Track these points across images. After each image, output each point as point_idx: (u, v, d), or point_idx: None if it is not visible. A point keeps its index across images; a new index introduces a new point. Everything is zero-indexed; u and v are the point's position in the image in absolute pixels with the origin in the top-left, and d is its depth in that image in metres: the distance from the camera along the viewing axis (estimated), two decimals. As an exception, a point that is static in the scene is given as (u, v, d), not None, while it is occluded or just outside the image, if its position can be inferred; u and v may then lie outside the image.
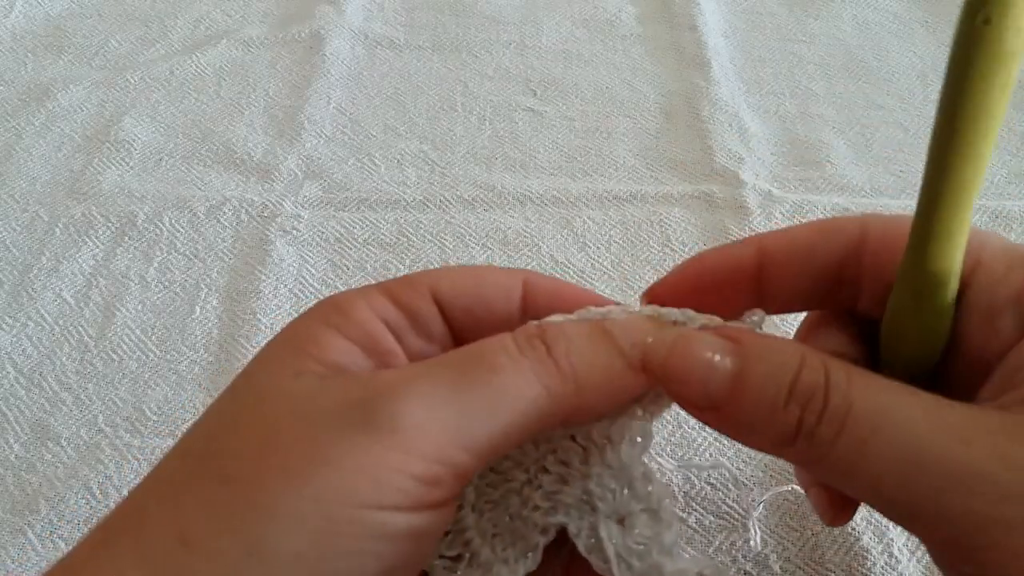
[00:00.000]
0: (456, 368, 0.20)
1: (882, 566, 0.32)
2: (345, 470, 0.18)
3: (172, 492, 0.19)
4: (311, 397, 0.20)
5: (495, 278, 0.25)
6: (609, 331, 0.22)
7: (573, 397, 0.21)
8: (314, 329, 0.22)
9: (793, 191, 0.49)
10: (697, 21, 0.62)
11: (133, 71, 0.58)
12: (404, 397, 0.19)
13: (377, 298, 0.23)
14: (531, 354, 0.21)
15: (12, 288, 0.44)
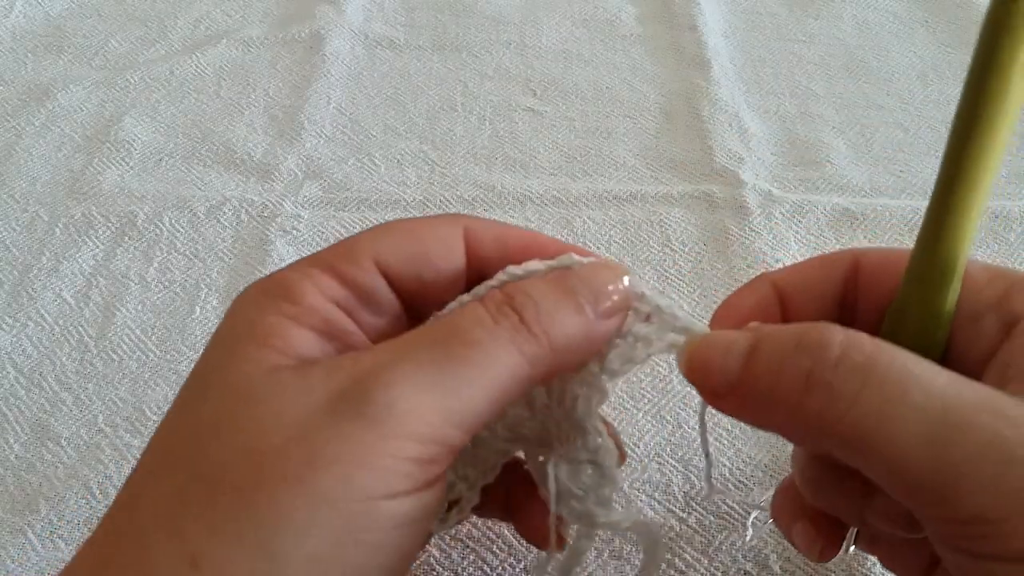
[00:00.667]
0: (436, 347, 0.20)
1: (882, 566, 0.32)
2: (347, 465, 0.18)
3: (170, 511, 0.19)
4: (294, 394, 0.20)
5: (435, 233, 0.25)
6: (571, 287, 0.22)
7: (549, 357, 0.22)
8: (270, 321, 0.21)
9: (793, 191, 0.49)
10: (697, 21, 0.62)
11: (133, 71, 0.58)
12: (391, 383, 0.19)
13: (323, 279, 0.23)
14: (504, 323, 0.21)
15: (12, 288, 0.44)
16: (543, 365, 0.21)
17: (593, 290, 0.23)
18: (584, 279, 0.23)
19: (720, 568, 0.33)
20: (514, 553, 0.33)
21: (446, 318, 0.22)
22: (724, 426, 0.37)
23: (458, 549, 0.33)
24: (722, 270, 0.45)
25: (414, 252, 0.24)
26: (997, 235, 0.46)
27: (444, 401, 0.20)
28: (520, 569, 0.32)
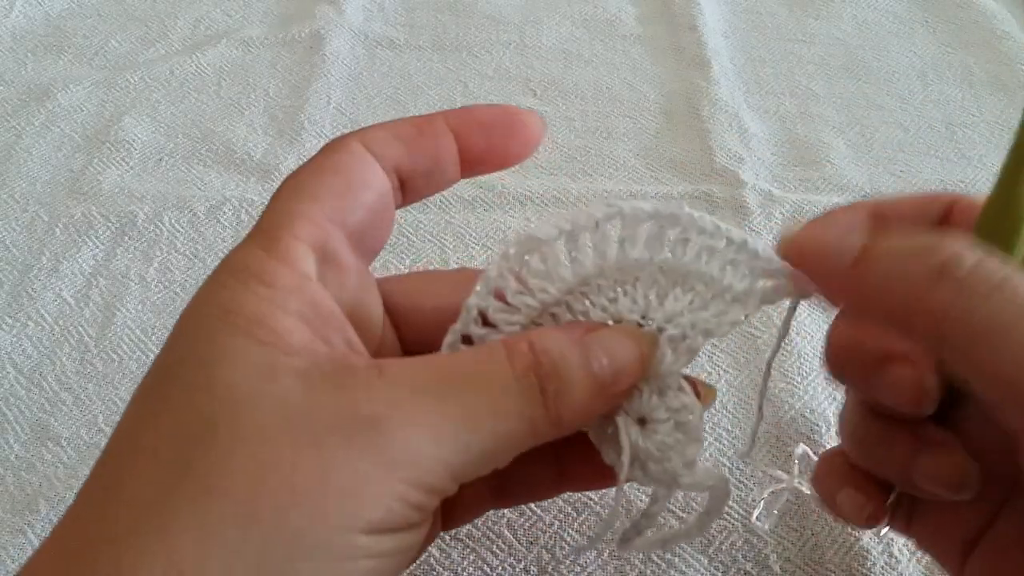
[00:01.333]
0: (460, 402, 0.20)
1: (882, 566, 0.32)
2: (354, 496, 0.18)
3: (154, 515, 0.17)
4: (301, 407, 0.18)
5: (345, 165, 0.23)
6: (595, 358, 0.22)
7: (551, 434, 0.21)
8: (250, 307, 0.19)
9: (793, 191, 0.49)
10: (697, 21, 0.62)
11: (133, 71, 0.58)
12: (412, 429, 0.19)
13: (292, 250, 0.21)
14: (529, 396, 0.21)
15: (12, 288, 0.44)
16: (543, 437, 0.21)
17: (616, 370, 0.22)
18: (610, 351, 0.22)
19: (720, 568, 0.33)
20: (514, 553, 0.33)
21: (471, 361, 0.21)
22: (724, 426, 0.37)
23: (458, 549, 0.33)
24: (722, 270, 0.45)
25: (343, 187, 0.22)
26: (997, 235, 0.46)
27: (452, 456, 0.19)
28: (520, 569, 0.32)
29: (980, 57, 0.60)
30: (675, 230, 0.23)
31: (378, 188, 0.23)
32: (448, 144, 0.23)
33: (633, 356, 0.22)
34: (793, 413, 0.38)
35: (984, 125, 0.54)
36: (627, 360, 0.22)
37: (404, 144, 0.23)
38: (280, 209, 0.22)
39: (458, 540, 0.33)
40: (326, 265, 0.21)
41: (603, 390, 0.22)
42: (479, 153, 0.24)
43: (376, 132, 0.23)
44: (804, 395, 0.38)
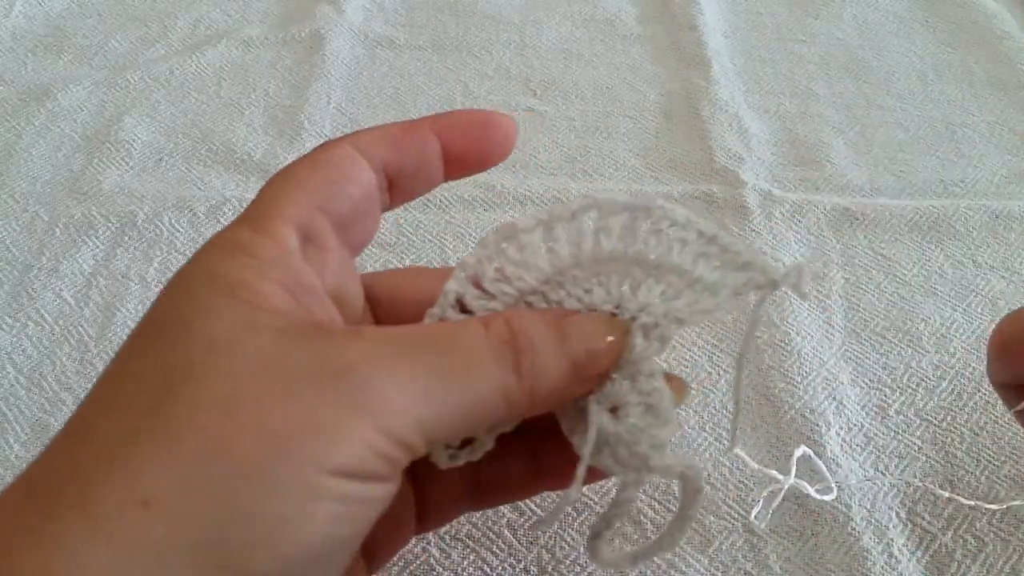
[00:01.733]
0: (433, 356, 0.20)
1: (882, 566, 0.32)
2: (324, 438, 0.18)
3: (124, 446, 0.17)
4: (280, 356, 0.19)
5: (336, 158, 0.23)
6: (571, 342, 0.22)
7: (525, 408, 0.22)
8: (235, 272, 0.20)
9: (793, 191, 0.49)
10: (697, 21, 0.62)
11: (133, 71, 0.59)
12: (381, 377, 0.19)
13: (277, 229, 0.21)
14: (502, 363, 0.21)
15: (12, 288, 0.44)
16: (518, 411, 0.22)
17: (589, 351, 0.22)
18: (584, 334, 0.23)
19: (720, 568, 0.33)
20: (514, 553, 0.33)
21: (448, 327, 0.22)
22: (724, 426, 0.37)
23: (458, 549, 0.33)
24: (722, 270, 0.45)
25: (331, 178, 0.23)
26: (997, 235, 0.46)
27: (423, 412, 0.20)
28: (520, 569, 0.32)
29: (980, 57, 0.60)
30: (648, 222, 0.24)
31: (364, 183, 0.23)
32: (433, 145, 0.24)
33: (606, 341, 0.23)
34: (793, 413, 0.38)
35: (984, 125, 0.54)
36: (601, 344, 0.23)
37: (391, 143, 0.24)
38: (268, 193, 0.23)
39: (458, 540, 0.33)
40: (309, 245, 0.22)
41: (578, 371, 0.22)
42: (460, 153, 0.25)
43: (364, 133, 0.24)
44: (804, 395, 0.38)
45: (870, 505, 0.34)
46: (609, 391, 0.23)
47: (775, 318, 0.41)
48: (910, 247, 0.46)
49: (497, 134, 0.25)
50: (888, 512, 0.34)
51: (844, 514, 0.34)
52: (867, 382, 0.39)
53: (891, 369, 0.40)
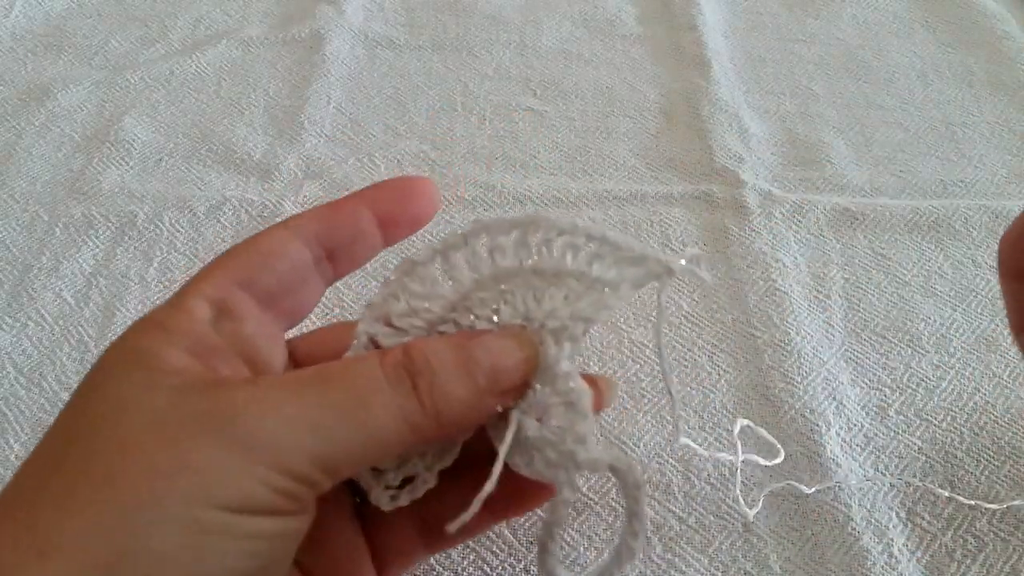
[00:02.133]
0: (321, 392, 0.21)
1: (882, 566, 0.32)
2: (207, 475, 0.19)
3: (27, 501, 0.19)
4: (169, 407, 0.20)
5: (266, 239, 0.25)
6: (474, 359, 0.23)
7: (433, 429, 0.22)
8: (144, 344, 0.22)
9: (793, 191, 0.49)
10: (697, 21, 0.62)
11: (133, 71, 0.58)
12: (265, 415, 0.20)
13: (190, 304, 0.23)
14: (397, 387, 0.22)
15: (12, 288, 0.44)
16: (426, 433, 0.22)
17: (495, 367, 0.23)
18: (489, 351, 0.23)
19: (720, 568, 0.33)
20: (514, 553, 0.33)
21: (341, 363, 0.23)
22: (724, 426, 0.37)
23: (458, 549, 0.33)
24: (722, 270, 0.45)
25: (253, 257, 0.25)
26: (997, 235, 0.46)
27: (315, 445, 0.20)
28: (520, 569, 0.32)
29: (980, 57, 0.60)
30: (538, 234, 0.25)
31: (292, 257, 0.25)
32: (364, 215, 0.26)
33: (515, 354, 0.23)
34: (793, 413, 0.38)
35: (984, 125, 0.54)
36: (508, 357, 0.23)
37: (321, 220, 0.26)
38: (195, 277, 0.24)
39: (458, 540, 0.33)
40: (222, 316, 0.24)
41: (484, 387, 0.23)
42: (391, 220, 0.26)
43: (297, 215, 0.26)
44: (804, 395, 0.38)
45: (870, 505, 0.34)
46: (533, 400, 0.24)
47: (775, 318, 0.41)
48: (910, 247, 0.46)
49: (420, 199, 0.27)
50: (888, 512, 0.34)
51: (844, 514, 0.34)
52: (867, 382, 0.39)
53: (891, 369, 0.40)
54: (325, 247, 0.26)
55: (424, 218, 0.27)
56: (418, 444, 0.22)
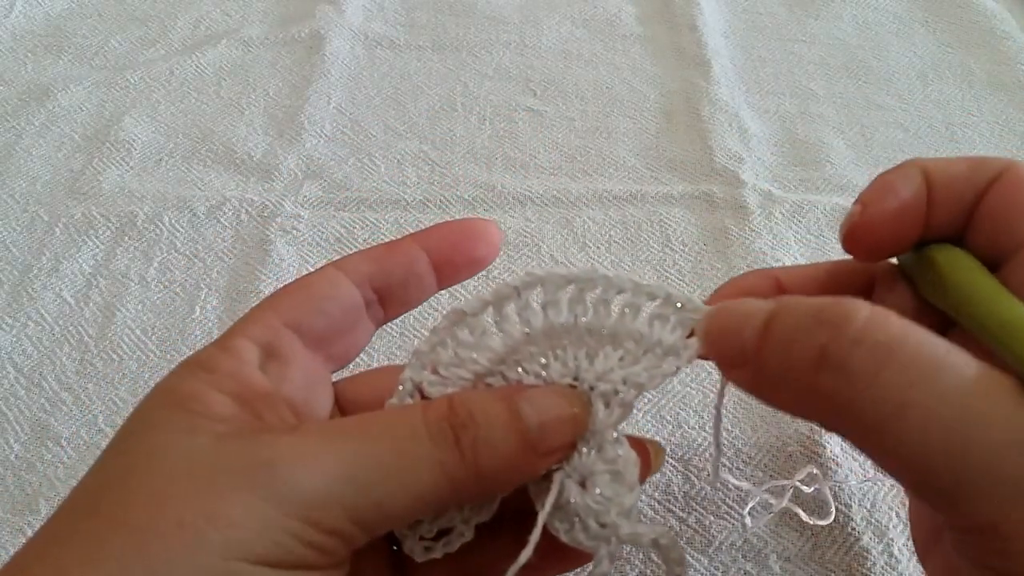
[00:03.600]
0: (362, 445, 0.20)
1: (882, 566, 0.32)
2: (242, 528, 0.19)
3: (55, 547, 0.19)
4: (208, 455, 0.20)
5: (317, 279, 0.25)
6: (519, 413, 0.22)
7: (473, 487, 0.21)
8: (188, 387, 0.21)
9: (793, 191, 0.49)
10: (697, 21, 0.62)
11: (133, 71, 0.58)
12: (304, 468, 0.20)
13: (237, 346, 0.23)
14: (440, 442, 0.21)
15: (12, 288, 0.44)
16: (466, 491, 0.21)
17: (542, 424, 0.22)
18: (537, 407, 0.22)
19: (720, 568, 0.33)
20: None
21: (384, 413, 0.22)
22: (724, 426, 0.37)
23: (458, 549, 0.33)
24: (722, 270, 0.45)
25: (304, 298, 0.24)
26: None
27: (353, 501, 0.20)
28: (520, 569, 0.32)
29: (980, 57, 0.60)
30: (595, 292, 0.24)
31: (344, 300, 0.25)
32: (420, 257, 0.26)
33: (563, 413, 0.23)
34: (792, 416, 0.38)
35: (984, 125, 0.54)
36: (556, 415, 0.22)
37: (374, 261, 0.25)
38: (244, 317, 0.24)
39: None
40: (271, 359, 0.23)
41: (531, 445, 0.22)
42: (449, 263, 0.26)
43: (350, 256, 0.26)
44: (804, 395, 0.38)
45: (870, 505, 0.34)
46: (577, 464, 0.23)
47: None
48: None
49: (483, 240, 0.26)
50: (888, 512, 0.34)
51: (844, 514, 0.34)
52: (867, 382, 0.39)
53: (891, 369, 0.40)
54: (377, 289, 0.25)
55: (484, 263, 0.26)
56: (457, 500, 0.22)
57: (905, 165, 0.23)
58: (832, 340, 0.18)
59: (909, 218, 0.22)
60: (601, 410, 0.23)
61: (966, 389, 0.17)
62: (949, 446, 0.17)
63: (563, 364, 0.24)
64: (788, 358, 0.19)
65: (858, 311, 0.18)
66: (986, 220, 0.22)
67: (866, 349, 0.18)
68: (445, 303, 0.43)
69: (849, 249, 0.23)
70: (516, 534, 0.22)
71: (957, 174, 0.22)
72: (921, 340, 0.18)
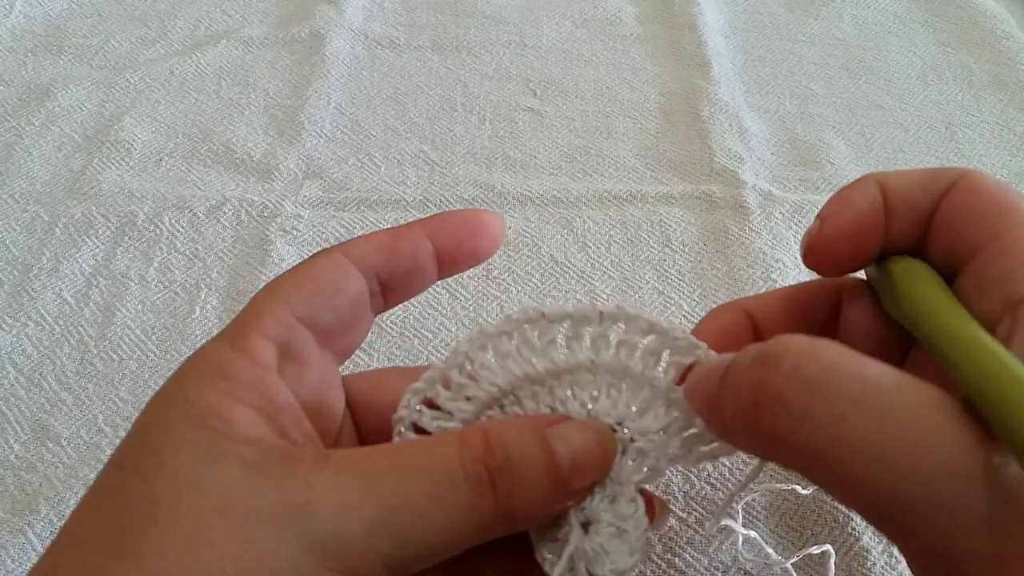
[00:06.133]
0: (398, 489, 0.20)
1: (882, 566, 0.32)
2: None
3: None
4: (240, 491, 0.19)
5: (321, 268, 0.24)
6: (552, 451, 0.21)
7: (502, 528, 0.21)
8: (208, 397, 0.20)
9: (793, 191, 0.49)
10: (697, 21, 0.62)
11: (133, 71, 0.58)
12: (342, 515, 0.19)
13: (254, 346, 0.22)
14: (475, 487, 0.20)
15: (12, 288, 0.44)
16: (495, 532, 0.21)
17: (575, 463, 0.22)
18: (571, 444, 0.22)
19: (720, 568, 0.33)
20: None
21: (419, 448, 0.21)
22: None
23: None
24: (722, 270, 0.45)
25: (315, 291, 0.23)
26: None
27: (385, 546, 0.19)
28: (520, 569, 0.32)
29: (980, 57, 0.60)
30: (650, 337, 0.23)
31: (352, 292, 0.24)
32: (425, 247, 0.25)
33: (596, 451, 0.22)
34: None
35: (984, 125, 0.54)
36: (590, 454, 0.22)
37: (382, 250, 0.24)
38: (252, 307, 0.23)
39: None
40: (287, 360, 0.22)
41: (563, 485, 0.21)
42: (452, 253, 0.25)
43: (356, 242, 0.25)
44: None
45: (870, 505, 0.34)
46: (587, 505, 0.22)
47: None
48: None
49: (486, 233, 0.26)
50: (888, 512, 0.34)
51: (844, 513, 0.34)
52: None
53: (891, 369, 0.40)
54: (381, 280, 0.25)
55: (485, 256, 0.26)
56: (483, 539, 0.21)
57: (862, 179, 0.23)
58: (767, 378, 0.18)
59: (867, 231, 0.22)
60: (630, 464, 0.23)
61: (900, 417, 0.17)
62: (884, 477, 0.16)
63: (613, 404, 0.23)
64: (735, 401, 0.19)
65: (790, 347, 0.18)
66: (942, 230, 0.22)
67: (797, 385, 0.18)
68: (446, 303, 0.43)
69: (810, 265, 0.23)
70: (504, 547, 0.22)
71: (912, 184, 0.22)
72: (854, 371, 0.17)
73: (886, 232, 0.22)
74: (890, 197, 0.22)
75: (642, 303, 0.43)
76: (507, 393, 0.24)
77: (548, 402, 0.24)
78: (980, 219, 0.21)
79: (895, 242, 0.23)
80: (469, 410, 0.24)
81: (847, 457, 0.17)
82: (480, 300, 0.43)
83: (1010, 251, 0.20)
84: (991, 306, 0.20)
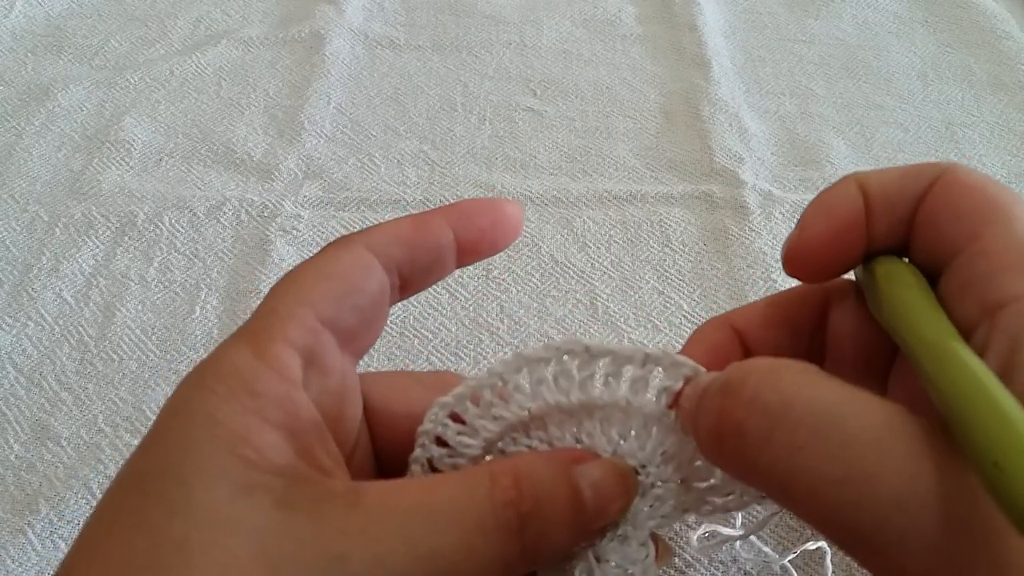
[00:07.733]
0: (431, 537, 0.19)
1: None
2: None
3: None
4: (275, 537, 0.18)
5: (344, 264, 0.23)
6: (579, 490, 0.21)
7: (526, 568, 0.21)
8: (236, 421, 0.19)
9: (793, 191, 0.49)
10: (697, 21, 0.62)
11: (133, 71, 0.59)
12: (377, 566, 0.19)
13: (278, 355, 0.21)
14: (505, 533, 0.20)
15: (12, 288, 0.44)
16: (516, 573, 0.21)
17: (601, 506, 0.21)
18: (599, 489, 0.21)
19: (720, 568, 0.33)
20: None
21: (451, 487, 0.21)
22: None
23: None
24: (722, 270, 0.45)
25: (340, 291, 0.22)
26: (997, 235, 0.46)
27: None
28: (520, 569, 0.32)
29: (980, 57, 0.60)
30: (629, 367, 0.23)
31: (373, 291, 0.23)
32: (447, 239, 0.24)
33: (619, 492, 0.22)
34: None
35: (984, 125, 0.54)
36: (613, 495, 0.22)
37: (405, 244, 0.24)
38: (274, 309, 0.22)
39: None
40: (311, 369, 0.22)
41: (586, 527, 0.21)
42: (472, 243, 0.25)
43: (378, 232, 0.24)
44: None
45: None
46: (597, 542, 0.22)
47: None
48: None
49: (507, 223, 0.25)
50: (888, 512, 0.34)
51: (844, 514, 0.34)
52: (867, 382, 0.39)
53: (891, 369, 0.40)
54: (401, 274, 0.24)
55: (503, 246, 0.25)
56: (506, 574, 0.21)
57: (842, 180, 0.23)
58: (728, 406, 0.18)
59: (848, 233, 0.22)
60: (646, 510, 0.22)
61: (859, 444, 0.16)
62: (841, 505, 0.16)
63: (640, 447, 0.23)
64: (704, 427, 0.19)
65: (751, 373, 0.18)
66: (924, 229, 0.21)
67: (757, 412, 0.18)
68: (446, 303, 0.43)
69: (791, 273, 0.23)
70: None
71: (892, 183, 0.22)
72: (815, 397, 0.17)
73: (869, 233, 0.22)
74: (871, 197, 0.22)
75: (642, 303, 0.43)
76: (536, 418, 0.24)
77: (574, 432, 0.24)
78: (961, 217, 0.20)
79: (880, 242, 0.22)
80: (494, 430, 0.24)
81: (806, 486, 0.17)
82: (480, 300, 0.43)
83: (990, 252, 0.19)
84: (969, 311, 0.19)
